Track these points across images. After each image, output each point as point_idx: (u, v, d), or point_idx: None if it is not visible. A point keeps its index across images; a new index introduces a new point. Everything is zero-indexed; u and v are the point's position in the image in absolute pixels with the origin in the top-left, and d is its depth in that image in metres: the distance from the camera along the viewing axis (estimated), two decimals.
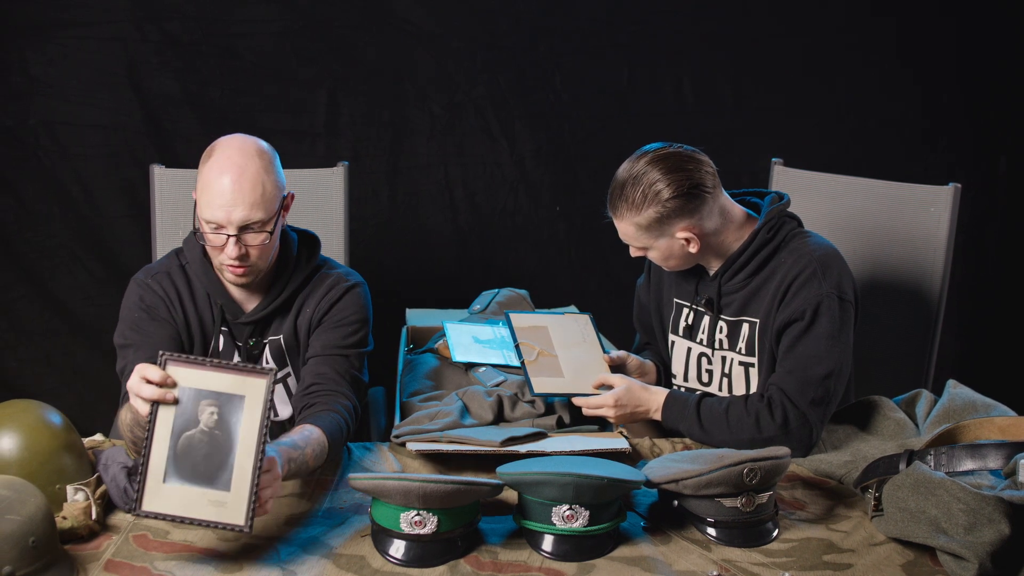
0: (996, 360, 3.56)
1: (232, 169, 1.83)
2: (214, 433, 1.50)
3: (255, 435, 1.50)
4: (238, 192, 1.83)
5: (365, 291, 2.05)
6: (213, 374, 1.51)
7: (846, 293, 1.97)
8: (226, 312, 1.99)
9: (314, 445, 1.73)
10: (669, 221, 1.98)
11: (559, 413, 2.06)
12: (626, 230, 2.03)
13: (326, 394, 1.91)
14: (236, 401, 1.51)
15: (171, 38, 3.15)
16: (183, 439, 1.50)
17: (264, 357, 2.02)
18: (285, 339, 2.01)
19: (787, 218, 2.06)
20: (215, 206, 1.83)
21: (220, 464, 1.50)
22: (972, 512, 1.51)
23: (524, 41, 3.34)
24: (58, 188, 3.19)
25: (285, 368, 2.05)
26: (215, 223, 1.85)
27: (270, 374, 1.52)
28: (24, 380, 3.28)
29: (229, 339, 2.01)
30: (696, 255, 2.05)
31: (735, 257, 2.04)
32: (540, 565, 1.57)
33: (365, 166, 3.32)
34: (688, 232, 1.99)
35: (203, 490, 1.49)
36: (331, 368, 1.95)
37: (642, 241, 2.03)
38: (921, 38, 3.42)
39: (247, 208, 1.83)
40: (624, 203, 1.99)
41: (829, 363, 1.92)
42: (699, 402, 1.99)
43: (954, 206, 2.51)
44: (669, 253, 2.04)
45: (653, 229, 1.99)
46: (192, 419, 1.50)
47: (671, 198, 1.95)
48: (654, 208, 1.96)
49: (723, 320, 2.09)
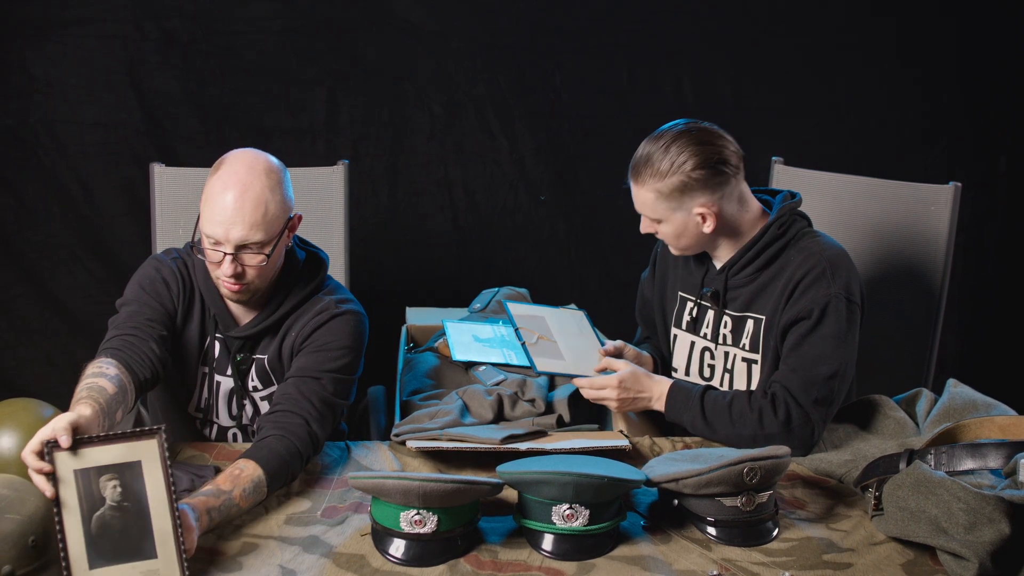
0: (996, 360, 3.56)
1: (236, 186, 1.80)
2: (123, 506, 1.47)
3: (163, 495, 1.48)
4: (239, 211, 1.80)
5: (359, 320, 1.98)
6: (103, 448, 1.48)
7: (854, 295, 1.96)
8: (219, 323, 1.97)
9: (244, 484, 1.67)
10: (690, 193, 1.96)
11: (559, 412, 2.06)
12: (645, 198, 2.00)
13: (281, 414, 1.84)
14: (135, 468, 1.48)
15: (171, 37, 3.15)
16: (95, 521, 1.45)
17: (251, 374, 2.00)
18: (269, 360, 1.98)
19: (798, 216, 2.06)
20: (215, 222, 1.81)
21: (140, 534, 1.47)
22: (972, 511, 1.51)
23: (524, 41, 3.34)
24: (58, 187, 3.19)
25: (271, 387, 2.02)
26: (213, 238, 1.82)
27: (158, 433, 1.50)
28: (24, 379, 3.28)
29: (224, 349, 2.00)
30: (708, 238, 2.03)
31: (744, 251, 2.04)
32: (540, 564, 1.57)
33: (365, 165, 3.31)
34: (706, 209, 1.97)
35: (132, 565, 1.46)
36: (297, 390, 1.87)
37: (659, 212, 2.00)
38: (921, 38, 3.42)
39: (246, 228, 1.80)
40: (648, 169, 1.97)
41: (834, 364, 1.91)
42: (703, 394, 1.99)
43: (954, 205, 2.51)
44: (683, 229, 2.02)
45: (673, 199, 1.97)
46: (97, 498, 1.46)
47: (696, 168, 1.94)
48: (678, 177, 1.95)
49: (728, 315, 2.08)
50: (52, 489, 1.44)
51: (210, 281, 1.95)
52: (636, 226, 2.08)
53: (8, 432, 1.59)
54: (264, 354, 1.99)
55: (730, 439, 1.94)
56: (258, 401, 2.04)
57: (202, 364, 2.01)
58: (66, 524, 1.43)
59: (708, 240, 2.05)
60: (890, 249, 2.58)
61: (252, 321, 1.97)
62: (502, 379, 2.15)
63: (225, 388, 2.02)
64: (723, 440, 1.96)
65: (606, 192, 3.41)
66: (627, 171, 2.03)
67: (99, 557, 1.44)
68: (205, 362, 2.01)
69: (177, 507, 1.48)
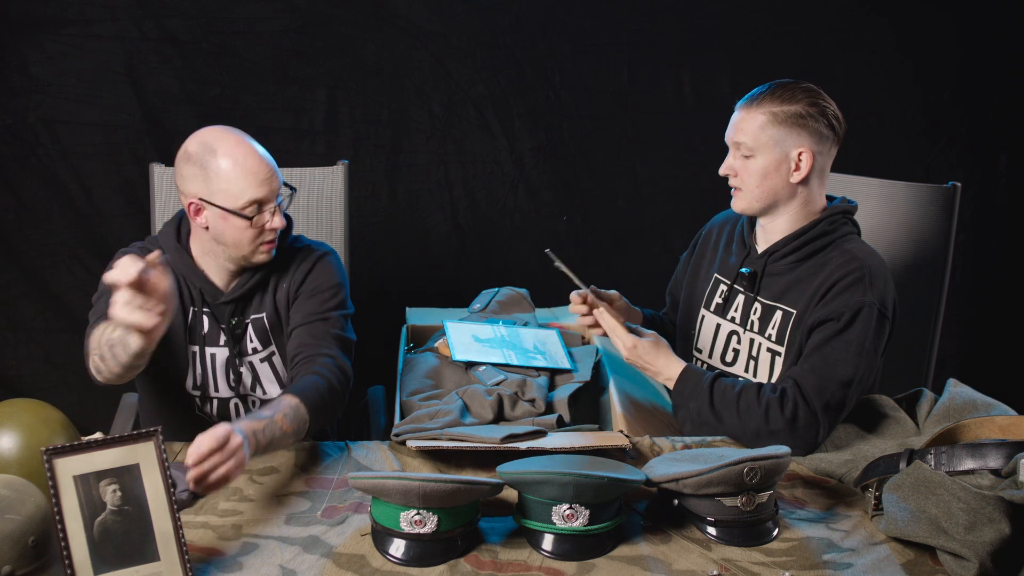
0: (996, 360, 3.56)
1: (246, 146, 1.93)
2: (124, 510, 1.48)
3: (163, 496, 1.49)
4: (266, 164, 1.93)
5: (336, 258, 2.11)
6: (100, 453, 1.48)
7: (887, 308, 1.95)
8: (206, 295, 2.03)
9: (285, 410, 1.76)
10: (802, 128, 1.97)
11: (559, 412, 2.06)
12: (754, 122, 1.99)
13: (306, 360, 1.94)
14: (133, 471, 1.49)
15: (171, 36, 3.15)
16: (97, 526, 1.46)
17: (248, 335, 2.06)
18: (268, 317, 2.05)
19: (850, 220, 2.06)
20: (256, 184, 1.91)
21: (141, 537, 1.48)
22: (972, 511, 1.51)
23: (524, 40, 3.34)
24: (57, 186, 3.19)
25: (269, 347, 2.08)
26: (258, 200, 1.92)
27: (155, 435, 1.51)
28: (24, 379, 3.27)
29: (213, 320, 2.05)
30: (787, 190, 2.01)
31: (791, 239, 2.03)
32: (540, 564, 1.57)
33: (365, 164, 3.31)
34: (807, 151, 1.98)
35: (135, 569, 1.47)
36: (310, 335, 1.98)
37: (762, 140, 1.99)
38: (921, 37, 3.42)
39: (277, 176, 1.95)
40: (772, 92, 2.00)
41: (853, 371, 1.90)
42: (713, 382, 1.98)
43: (954, 205, 2.51)
44: (774, 168, 1.99)
45: (784, 127, 1.98)
46: (98, 503, 1.47)
47: (816, 110, 1.98)
48: (801, 106, 1.97)
49: (759, 301, 2.07)
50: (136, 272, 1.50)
51: (186, 258, 2.02)
52: (636, 226, 2.09)
53: (8, 432, 1.59)
54: (260, 312, 2.05)
55: (734, 432, 1.94)
56: (256, 364, 2.08)
57: (190, 343, 2.05)
58: (69, 531, 1.44)
59: (784, 194, 2.02)
60: (890, 249, 2.58)
61: (240, 282, 2.03)
62: (502, 379, 2.15)
63: (220, 359, 2.07)
64: (727, 432, 1.96)
65: (606, 192, 3.42)
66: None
67: (103, 563, 1.45)
68: (193, 340, 2.05)
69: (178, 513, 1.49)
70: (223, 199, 1.92)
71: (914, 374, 2.54)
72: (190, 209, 1.97)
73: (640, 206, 3.42)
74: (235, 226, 1.94)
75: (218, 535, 1.63)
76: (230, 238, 1.96)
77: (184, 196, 1.98)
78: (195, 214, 1.97)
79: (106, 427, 2.29)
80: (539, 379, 2.16)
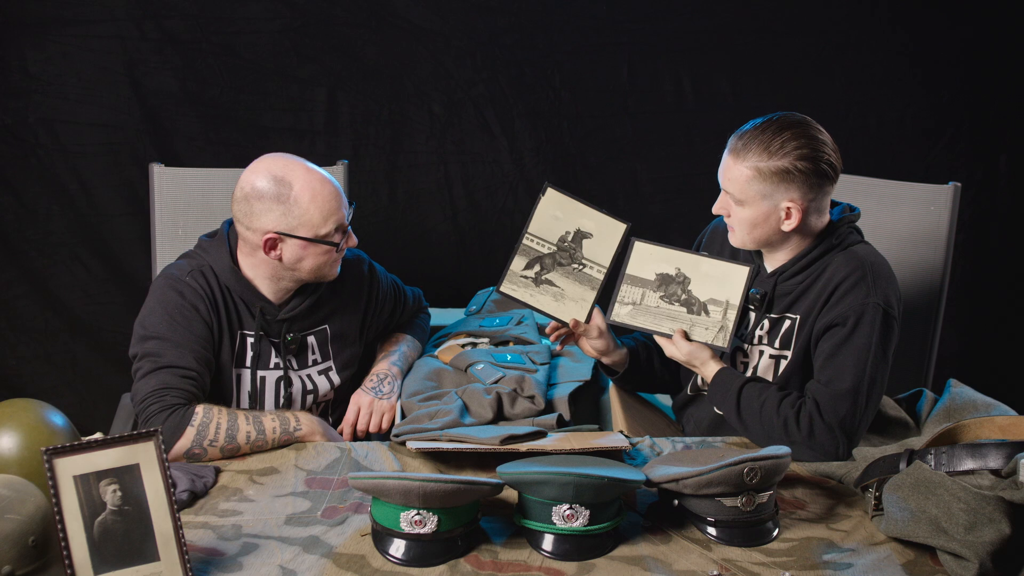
0: (996, 360, 3.55)
1: (316, 174, 1.97)
2: (124, 510, 1.47)
3: (163, 496, 1.49)
4: (337, 187, 1.99)
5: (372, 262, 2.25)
6: (100, 453, 1.48)
7: (892, 308, 1.93)
8: (266, 314, 2.03)
9: (409, 343, 2.29)
10: (788, 184, 1.90)
11: (559, 411, 2.05)
12: (740, 174, 1.92)
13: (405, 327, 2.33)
14: (133, 471, 1.49)
15: (170, 36, 3.15)
16: (97, 526, 1.46)
17: (310, 346, 2.10)
18: (333, 329, 2.13)
19: (853, 230, 2.03)
20: (335, 209, 1.96)
21: (142, 537, 1.48)
22: (972, 511, 1.51)
23: (524, 39, 3.33)
24: (57, 186, 3.18)
25: (328, 360, 2.13)
26: (338, 225, 1.97)
27: (155, 435, 1.51)
28: (24, 379, 3.27)
29: (266, 342, 2.05)
30: (779, 236, 1.97)
31: (798, 258, 1.99)
32: (540, 564, 1.57)
33: (364, 164, 3.31)
34: (795, 205, 1.91)
35: (135, 569, 1.47)
36: (400, 321, 2.34)
37: (748, 193, 1.93)
38: (921, 36, 3.41)
39: (343, 194, 2.01)
40: (757, 143, 1.91)
41: (864, 378, 1.89)
42: (740, 390, 1.97)
43: (954, 205, 2.51)
44: (762, 219, 1.94)
45: (769, 183, 1.90)
46: (98, 503, 1.47)
47: (805, 160, 1.89)
48: (786, 161, 1.88)
49: (767, 318, 2.05)
50: None
51: (243, 281, 2.00)
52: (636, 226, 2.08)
53: (8, 432, 1.59)
54: (321, 325, 2.10)
55: (760, 441, 1.95)
56: (315, 377, 2.11)
57: (236, 367, 2.04)
58: (69, 531, 1.44)
59: (777, 239, 1.99)
60: (890, 249, 2.57)
61: (299, 299, 2.06)
62: (500, 376, 2.14)
63: (271, 381, 2.07)
64: (755, 440, 1.97)
65: (606, 192, 3.41)
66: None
67: (103, 563, 1.45)
68: (239, 364, 2.04)
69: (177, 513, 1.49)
70: (307, 231, 1.94)
71: (914, 374, 2.53)
72: (265, 245, 1.95)
73: (640, 206, 3.42)
74: (317, 253, 1.96)
75: (218, 535, 1.63)
76: (310, 264, 1.98)
77: (254, 232, 1.95)
78: (270, 248, 1.96)
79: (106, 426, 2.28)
80: (537, 374, 2.15)
